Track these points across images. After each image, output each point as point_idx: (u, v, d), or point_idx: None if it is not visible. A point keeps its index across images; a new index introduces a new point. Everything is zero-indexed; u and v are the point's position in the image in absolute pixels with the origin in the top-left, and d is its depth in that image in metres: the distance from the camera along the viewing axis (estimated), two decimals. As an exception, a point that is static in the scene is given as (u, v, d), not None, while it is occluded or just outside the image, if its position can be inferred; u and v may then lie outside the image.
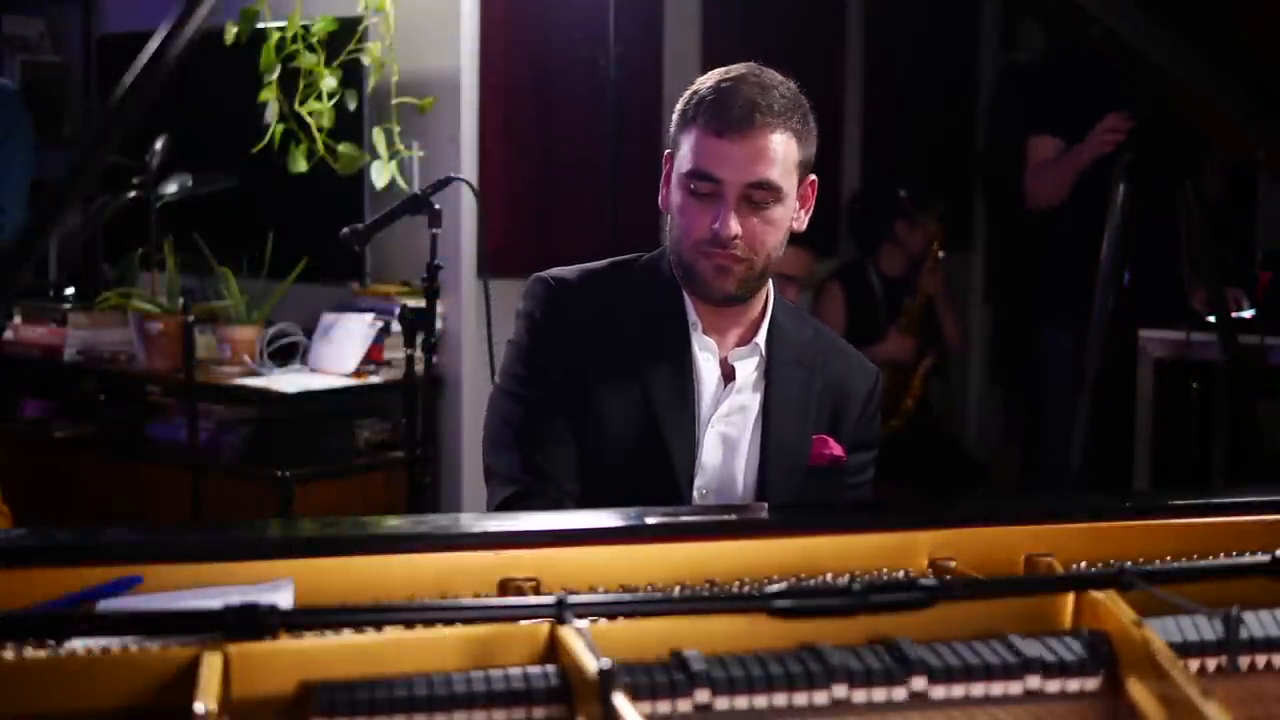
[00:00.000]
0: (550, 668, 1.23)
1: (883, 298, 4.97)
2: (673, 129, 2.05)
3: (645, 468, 2.01)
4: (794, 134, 1.98)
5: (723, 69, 2.04)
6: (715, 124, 1.95)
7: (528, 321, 2.08)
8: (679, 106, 2.04)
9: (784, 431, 2.07)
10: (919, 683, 1.27)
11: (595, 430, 2.03)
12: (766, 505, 2.03)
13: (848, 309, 4.95)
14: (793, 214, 2.03)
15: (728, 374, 2.08)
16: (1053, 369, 4.19)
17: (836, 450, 2.09)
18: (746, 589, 1.49)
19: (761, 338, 2.09)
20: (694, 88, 2.03)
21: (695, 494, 2.05)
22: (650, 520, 1.57)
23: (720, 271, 1.98)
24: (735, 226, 1.95)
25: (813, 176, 2.05)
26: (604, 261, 2.15)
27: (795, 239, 4.73)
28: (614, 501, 1.75)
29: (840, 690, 1.26)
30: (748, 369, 2.08)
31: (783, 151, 1.96)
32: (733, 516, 1.70)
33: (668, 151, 2.07)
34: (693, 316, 2.07)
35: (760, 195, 1.96)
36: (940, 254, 4.92)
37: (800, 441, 2.08)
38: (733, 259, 1.97)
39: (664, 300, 2.07)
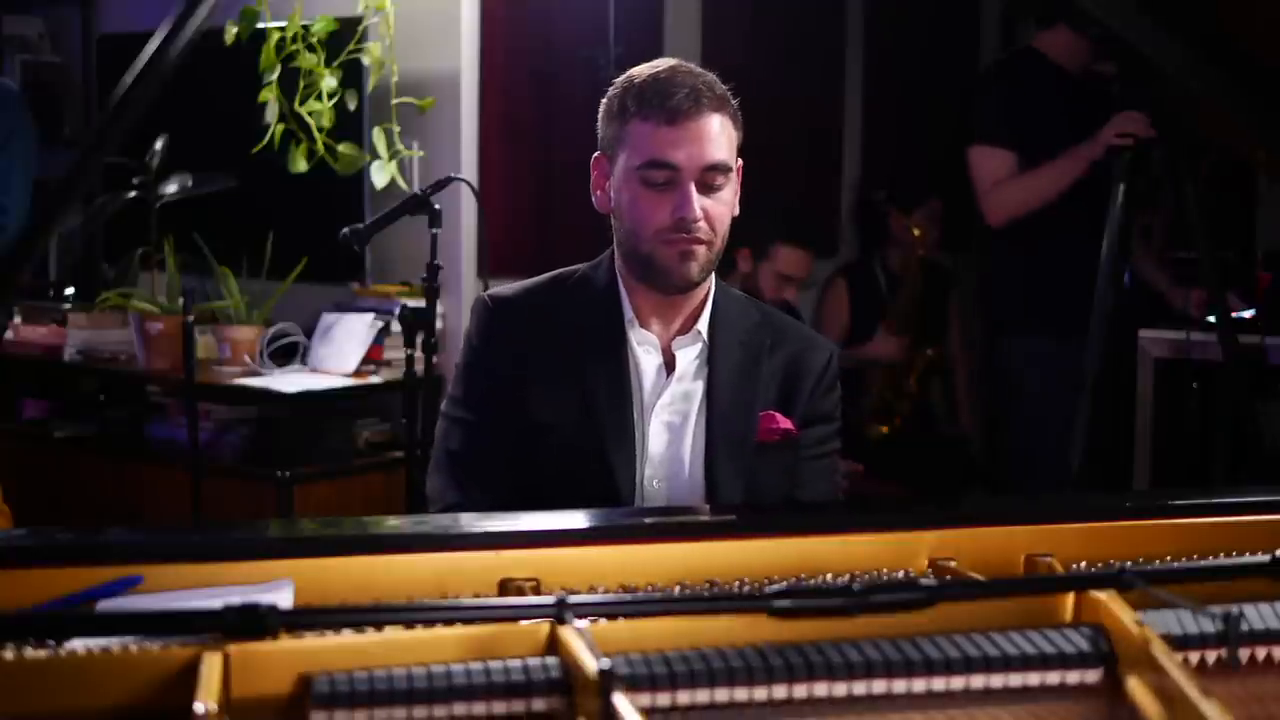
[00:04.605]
0: (550, 660, 1.23)
1: (887, 295, 4.94)
2: (604, 128, 2.10)
3: (587, 468, 2.05)
4: (730, 117, 2.05)
5: (645, 65, 2.08)
6: (662, 113, 2.00)
7: (466, 343, 2.15)
8: (608, 106, 2.09)
9: (728, 412, 2.10)
10: (920, 676, 1.27)
11: (538, 438, 2.07)
12: (765, 506, 2.03)
13: (851, 305, 4.94)
14: (735, 196, 2.09)
15: (670, 364, 2.12)
16: (1028, 374, 4.09)
17: (785, 423, 2.12)
18: (746, 589, 1.49)
19: (704, 324, 2.13)
20: (621, 86, 2.08)
21: (647, 484, 2.08)
22: (650, 520, 1.57)
23: (684, 257, 2.03)
24: (699, 208, 2.00)
25: (740, 161, 2.10)
26: (546, 275, 2.20)
27: (793, 239, 4.71)
28: (560, 506, 1.72)
29: (841, 684, 1.26)
30: (689, 356, 2.12)
31: (726, 133, 2.04)
32: (733, 517, 1.70)
33: (598, 154, 2.12)
34: (629, 313, 2.11)
35: (712, 177, 2.02)
36: (921, 253, 4.87)
37: (745, 419, 2.11)
38: (696, 241, 2.02)
39: (600, 302, 2.13)
